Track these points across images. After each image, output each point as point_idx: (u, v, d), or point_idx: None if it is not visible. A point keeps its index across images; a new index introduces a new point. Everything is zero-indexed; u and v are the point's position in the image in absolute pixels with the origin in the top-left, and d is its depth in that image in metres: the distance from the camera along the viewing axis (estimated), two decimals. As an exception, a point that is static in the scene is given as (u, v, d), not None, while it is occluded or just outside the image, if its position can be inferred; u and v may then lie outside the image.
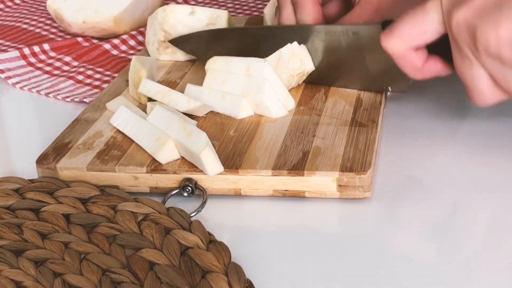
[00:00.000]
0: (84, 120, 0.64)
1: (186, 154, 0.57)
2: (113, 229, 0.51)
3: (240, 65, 0.63)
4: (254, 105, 0.62)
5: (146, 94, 0.65)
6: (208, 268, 0.47)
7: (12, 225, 0.52)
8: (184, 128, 0.57)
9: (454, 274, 0.47)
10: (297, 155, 0.56)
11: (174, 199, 0.56)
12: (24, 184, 0.56)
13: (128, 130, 0.60)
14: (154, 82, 0.65)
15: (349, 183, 0.54)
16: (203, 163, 0.54)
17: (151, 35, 0.76)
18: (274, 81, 0.62)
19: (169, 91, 0.63)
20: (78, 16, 0.87)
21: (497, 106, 0.57)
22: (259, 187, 0.55)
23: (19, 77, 0.80)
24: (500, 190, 0.55)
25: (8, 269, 0.49)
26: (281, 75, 0.64)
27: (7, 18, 0.99)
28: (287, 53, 0.64)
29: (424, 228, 0.52)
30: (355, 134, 0.59)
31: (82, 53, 0.84)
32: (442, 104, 0.68)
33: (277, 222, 0.54)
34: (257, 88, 0.62)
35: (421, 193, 0.55)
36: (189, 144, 0.56)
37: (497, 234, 0.51)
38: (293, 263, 0.49)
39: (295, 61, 0.64)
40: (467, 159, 0.59)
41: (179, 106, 0.62)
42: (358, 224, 0.53)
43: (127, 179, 0.57)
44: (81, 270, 0.48)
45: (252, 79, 0.62)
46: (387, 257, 0.49)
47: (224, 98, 0.63)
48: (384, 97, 0.65)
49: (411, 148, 0.61)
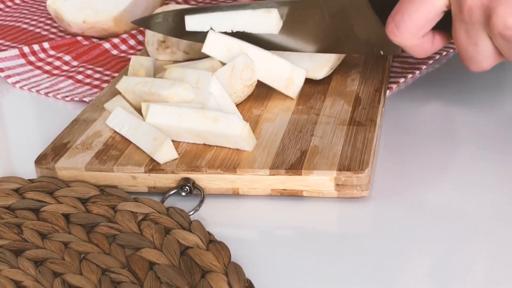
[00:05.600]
0: (83, 120, 0.64)
1: (209, 140, 0.58)
2: (113, 229, 0.52)
3: (192, 77, 0.63)
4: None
5: (124, 91, 0.64)
6: (208, 268, 0.47)
7: (12, 225, 0.53)
8: (204, 116, 0.57)
9: (454, 274, 0.47)
10: (295, 154, 0.56)
11: (172, 198, 0.56)
12: (24, 184, 0.57)
13: (125, 131, 0.61)
14: (133, 77, 0.65)
15: (347, 182, 0.54)
16: (243, 141, 0.56)
17: (150, 35, 0.76)
18: (220, 96, 0.62)
19: (152, 79, 0.63)
20: (78, 16, 0.87)
21: (497, 107, 0.57)
22: (257, 187, 0.56)
23: (19, 76, 0.80)
24: (502, 187, 0.55)
25: (8, 269, 0.49)
26: (235, 86, 0.63)
27: (7, 18, 0.99)
28: (241, 64, 0.63)
29: (423, 227, 0.52)
30: (353, 133, 0.59)
31: (81, 52, 0.84)
32: (442, 104, 0.68)
33: (275, 222, 0.54)
34: (202, 102, 0.61)
35: (419, 192, 0.55)
36: (219, 129, 0.57)
37: (497, 234, 0.51)
38: (292, 262, 0.49)
39: (247, 71, 0.64)
40: (467, 159, 0.59)
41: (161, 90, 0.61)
42: (356, 223, 0.53)
43: (126, 179, 0.57)
44: (81, 270, 0.48)
45: (199, 92, 0.61)
46: (384, 256, 0.49)
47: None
48: (383, 96, 0.65)
49: (410, 147, 0.61)
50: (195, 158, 0.57)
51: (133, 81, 0.64)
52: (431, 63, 0.75)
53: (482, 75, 0.70)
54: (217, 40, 0.65)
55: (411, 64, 0.75)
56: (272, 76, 0.65)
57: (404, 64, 0.75)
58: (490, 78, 0.72)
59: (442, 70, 0.74)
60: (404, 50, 0.61)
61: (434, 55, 0.76)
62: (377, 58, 0.72)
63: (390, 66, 0.73)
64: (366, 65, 0.71)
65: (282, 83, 0.65)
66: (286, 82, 0.65)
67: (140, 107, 0.62)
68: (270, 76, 0.65)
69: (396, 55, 0.76)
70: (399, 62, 0.76)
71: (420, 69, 0.73)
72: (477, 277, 0.47)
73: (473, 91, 0.70)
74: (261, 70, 0.64)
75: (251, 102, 0.66)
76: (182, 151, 0.58)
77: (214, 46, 0.65)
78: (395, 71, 0.74)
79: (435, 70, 0.74)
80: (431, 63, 0.75)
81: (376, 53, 0.65)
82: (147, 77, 0.65)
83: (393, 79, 0.72)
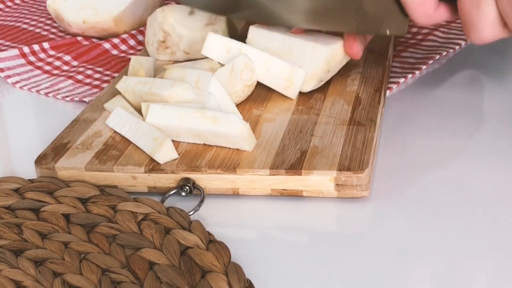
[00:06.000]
0: (83, 120, 0.64)
1: (209, 140, 0.58)
2: (113, 229, 0.52)
3: (192, 77, 0.63)
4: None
5: (124, 91, 0.64)
6: (208, 268, 0.47)
7: (12, 225, 0.53)
8: (204, 116, 0.57)
9: (454, 274, 0.47)
10: (295, 154, 0.56)
11: (172, 198, 0.56)
12: (24, 184, 0.57)
13: (125, 131, 0.61)
14: (133, 77, 0.65)
15: (346, 182, 0.54)
16: (243, 141, 0.56)
17: (150, 35, 0.76)
18: (220, 96, 0.62)
19: (152, 79, 0.63)
20: (78, 16, 0.87)
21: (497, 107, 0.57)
22: (257, 187, 0.56)
23: (19, 76, 0.80)
24: (502, 189, 0.55)
25: (8, 269, 0.49)
26: (235, 86, 0.63)
27: (7, 18, 0.99)
28: (240, 64, 0.63)
29: (423, 227, 0.52)
30: (353, 133, 0.59)
31: (81, 52, 0.84)
32: (442, 104, 0.68)
33: (275, 222, 0.54)
34: (202, 102, 0.61)
35: (419, 192, 0.55)
36: (219, 129, 0.57)
37: (497, 233, 0.51)
38: (292, 262, 0.49)
39: (247, 71, 0.64)
40: (467, 159, 0.59)
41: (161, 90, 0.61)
42: (356, 223, 0.53)
43: (125, 179, 0.57)
44: (81, 270, 0.48)
45: (199, 92, 0.61)
46: (384, 256, 0.49)
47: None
48: (383, 96, 0.66)
49: (410, 147, 0.61)
50: (195, 158, 0.57)
51: (133, 81, 0.64)
52: (431, 63, 0.75)
53: (482, 75, 0.70)
54: (217, 42, 0.65)
55: (411, 64, 0.75)
56: (271, 77, 0.65)
57: (404, 64, 0.75)
58: (491, 78, 0.72)
59: (442, 70, 0.74)
60: (407, 10, 0.60)
61: (434, 55, 0.76)
62: (377, 58, 0.72)
63: (390, 66, 0.73)
64: (366, 65, 0.71)
65: (282, 84, 0.65)
66: (285, 82, 0.65)
67: (140, 107, 0.62)
68: (269, 77, 0.65)
69: (396, 55, 0.76)
70: (399, 62, 0.76)
71: (420, 69, 0.73)
72: (477, 277, 0.47)
73: (473, 91, 0.70)
74: (260, 71, 0.64)
75: (251, 102, 0.66)
76: (182, 151, 0.58)
77: (213, 48, 0.65)
78: (395, 71, 0.74)
79: (435, 70, 0.74)
80: (431, 63, 0.75)
81: (383, 32, 0.64)
82: (147, 77, 0.65)
83: (393, 79, 0.72)
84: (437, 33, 0.81)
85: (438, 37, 0.80)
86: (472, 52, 0.77)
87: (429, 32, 0.81)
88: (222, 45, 0.65)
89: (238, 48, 0.65)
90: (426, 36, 0.80)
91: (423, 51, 0.78)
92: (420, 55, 0.77)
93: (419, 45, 0.79)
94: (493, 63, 0.75)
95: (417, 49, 0.78)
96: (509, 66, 0.73)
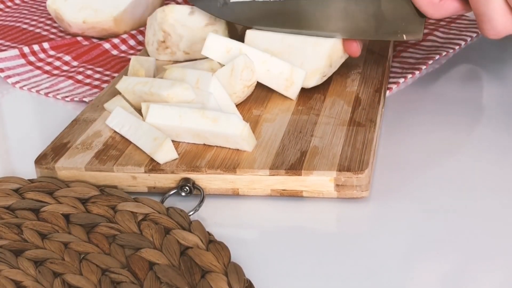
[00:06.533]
0: (83, 120, 0.64)
1: (209, 140, 0.58)
2: (113, 229, 0.52)
3: (192, 77, 0.63)
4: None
5: (124, 91, 0.64)
6: (207, 268, 0.47)
7: (12, 225, 0.53)
8: (204, 116, 0.57)
9: (454, 273, 0.47)
10: (295, 154, 0.57)
11: (172, 198, 0.56)
12: (24, 184, 0.57)
13: (125, 131, 0.61)
14: (133, 77, 0.65)
15: (346, 182, 0.54)
16: (243, 141, 0.56)
17: (150, 35, 0.76)
18: (220, 96, 0.62)
19: (152, 79, 0.63)
20: (78, 16, 0.87)
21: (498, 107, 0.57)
22: (257, 187, 0.56)
23: (19, 77, 0.80)
24: (499, 188, 0.55)
25: (8, 269, 0.49)
26: (235, 86, 0.63)
27: (7, 18, 0.99)
28: (240, 64, 0.63)
29: (423, 227, 0.52)
30: (353, 133, 0.59)
31: (81, 52, 0.84)
32: (442, 104, 0.68)
33: (275, 222, 0.54)
34: (202, 102, 0.61)
35: (419, 193, 0.55)
36: (219, 129, 0.57)
37: (497, 233, 0.51)
38: (292, 262, 0.49)
39: (247, 72, 0.64)
40: (467, 159, 0.59)
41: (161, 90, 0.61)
42: (356, 224, 0.53)
43: (125, 179, 0.57)
44: (80, 270, 0.48)
45: (199, 92, 0.61)
46: (384, 256, 0.49)
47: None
48: (383, 96, 0.66)
49: (409, 147, 0.61)
50: (195, 158, 0.57)
51: (133, 81, 0.64)
52: (431, 63, 0.75)
53: (482, 76, 0.70)
54: (217, 42, 0.65)
55: (411, 65, 0.75)
56: (271, 77, 0.65)
57: (404, 65, 0.75)
58: (491, 78, 0.72)
59: (442, 70, 0.74)
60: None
61: (434, 55, 0.76)
62: (377, 58, 0.72)
63: (390, 66, 0.73)
64: (366, 66, 0.71)
65: (282, 84, 0.65)
66: (285, 83, 0.65)
67: (140, 107, 0.62)
68: (269, 77, 0.65)
69: (396, 56, 0.76)
70: (399, 62, 0.76)
71: (420, 69, 0.74)
72: (478, 276, 0.47)
73: (473, 91, 0.70)
74: (260, 71, 0.65)
75: (251, 102, 0.66)
76: (182, 151, 0.58)
77: (213, 48, 0.65)
78: (395, 72, 0.74)
79: (435, 70, 0.74)
80: (431, 63, 0.75)
81: (400, 38, 0.64)
82: (147, 77, 0.65)
83: (393, 79, 0.72)
84: (437, 33, 0.81)
85: (438, 37, 0.80)
86: (471, 52, 0.77)
87: (429, 32, 0.81)
88: (222, 45, 0.65)
89: (238, 48, 0.65)
90: (426, 36, 0.80)
91: (423, 51, 0.78)
92: (420, 55, 0.77)
93: (419, 45, 0.79)
94: (492, 61, 0.75)
95: (417, 50, 0.78)
96: (508, 64, 0.73)
